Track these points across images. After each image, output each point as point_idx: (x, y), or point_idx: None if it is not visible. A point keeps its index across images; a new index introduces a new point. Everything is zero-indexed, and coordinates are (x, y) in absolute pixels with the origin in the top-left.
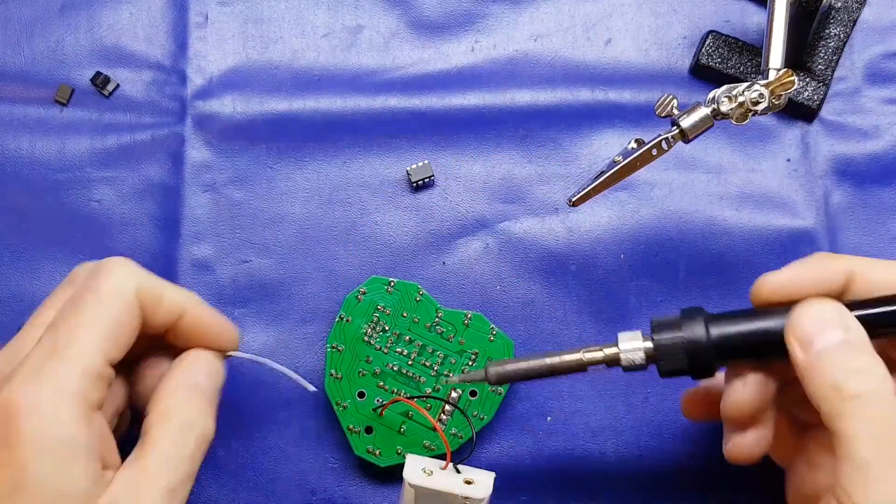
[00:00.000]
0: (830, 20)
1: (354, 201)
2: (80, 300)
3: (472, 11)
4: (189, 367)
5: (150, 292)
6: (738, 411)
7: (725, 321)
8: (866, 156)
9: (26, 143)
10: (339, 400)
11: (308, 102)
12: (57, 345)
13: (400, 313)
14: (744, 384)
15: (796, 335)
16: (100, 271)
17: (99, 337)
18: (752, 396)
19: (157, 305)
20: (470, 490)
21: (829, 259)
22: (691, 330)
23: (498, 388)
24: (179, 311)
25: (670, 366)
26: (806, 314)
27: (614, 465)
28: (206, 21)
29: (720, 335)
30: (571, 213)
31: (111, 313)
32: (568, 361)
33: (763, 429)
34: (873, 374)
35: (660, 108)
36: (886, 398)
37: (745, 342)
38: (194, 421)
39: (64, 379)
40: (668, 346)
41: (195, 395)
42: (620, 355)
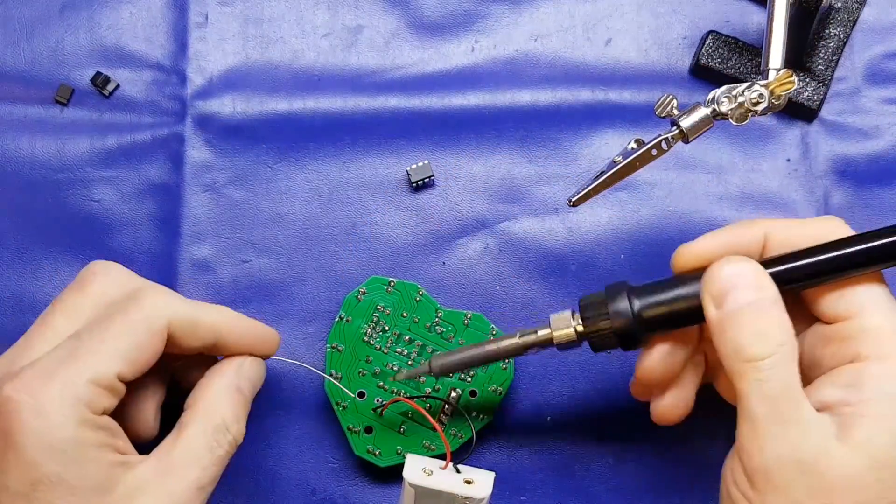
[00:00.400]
0: (830, 20)
1: (354, 201)
2: (110, 320)
3: (472, 11)
4: (233, 371)
5: (184, 322)
6: (649, 378)
7: (648, 293)
8: (866, 156)
9: (26, 143)
10: (339, 400)
11: (308, 102)
12: (74, 353)
13: (400, 313)
14: (650, 354)
15: (710, 292)
16: (137, 296)
17: (117, 355)
18: (657, 365)
19: (191, 334)
20: (470, 490)
21: (746, 224)
22: (616, 305)
23: (498, 388)
24: (214, 335)
25: (599, 342)
26: (719, 271)
27: (614, 465)
28: (206, 21)
29: (644, 307)
30: (571, 213)
31: (135, 337)
32: (506, 346)
33: (681, 392)
34: (773, 338)
35: (660, 108)
36: (780, 363)
37: (668, 311)
38: (231, 425)
39: (72, 384)
40: (594, 323)
41: (236, 399)
42: (553, 336)
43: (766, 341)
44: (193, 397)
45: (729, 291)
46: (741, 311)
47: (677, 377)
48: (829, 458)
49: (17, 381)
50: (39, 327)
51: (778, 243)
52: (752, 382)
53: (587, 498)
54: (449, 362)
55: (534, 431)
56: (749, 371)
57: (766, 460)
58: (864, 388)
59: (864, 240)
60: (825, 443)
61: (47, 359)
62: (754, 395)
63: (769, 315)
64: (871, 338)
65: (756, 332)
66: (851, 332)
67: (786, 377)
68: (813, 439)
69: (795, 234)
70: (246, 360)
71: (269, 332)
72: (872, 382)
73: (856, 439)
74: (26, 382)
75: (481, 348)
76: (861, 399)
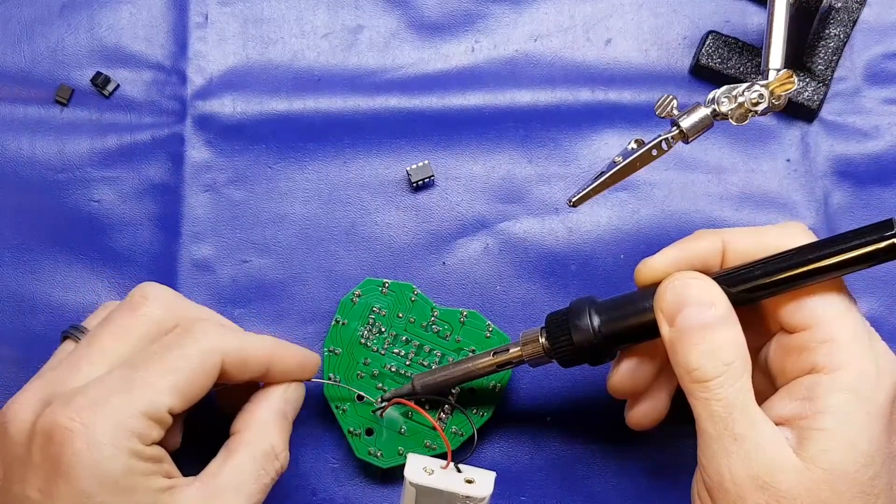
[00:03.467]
0: (830, 20)
1: (354, 201)
2: (166, 351)
3: (472, 11)
4: (280, 397)
5: (236, 358)
6: (619, 392)
7: (609, 308)
8: (866, 156)
9: (26, 143)
10: (338, 403)
11: (308, 102)
12: (129, 384)
13: (395, 314)
14: (617, 370)
15: (662, 310)
16: (193, 329)
17: (171, 388)
18: (625, 380)
19: (241, 368)
20: (471, 489)
21: (704, 234)
22: (578, 322)
23: (496, 384)
24: (263, 368)
25: (565, 358)
26: (670, 288)
27: (614, 464)
28: (206, 21)
29: (605, 322)
30: (571, 213)
31: (190, 372)
32: (481, 365)
33: (652, 401)
34: (721, 357)
35: (660, 108)
36: (728, 382)
37: (628, 327)
38: (280, 452)
39: (125, 415)
40: (558, 342)
41: (282, 426)
42: (522, 354)
43: (714, 361)
44: (241, 423)
45: (679, 309)
46: (690, 330)
47: (650, 386)
48: (784, 473)
49: (69, 409)
50: (87, 347)
51: (737, 253)
52: (702, 402)
53: (587, 498)
54: (430, 381)
55: (534, 431)
56: (699, 391)
57: (722, 477)
58: (818, 400)
59: (818, 248)
60: (780, 457)
61: (100, 386)
62: (705, 413)
63: (718, 333)
64: (826, 348)
65: (704, 352)
66: (808, 343)
67: (735, 395)
68: (767, 454)
69: (754, 242)
70: (290, 386)
71: (311, 355)
72: (825, 395)
73: (811, 452)
74: (79, 410)
75: (458, 367)
76: (815, 412)
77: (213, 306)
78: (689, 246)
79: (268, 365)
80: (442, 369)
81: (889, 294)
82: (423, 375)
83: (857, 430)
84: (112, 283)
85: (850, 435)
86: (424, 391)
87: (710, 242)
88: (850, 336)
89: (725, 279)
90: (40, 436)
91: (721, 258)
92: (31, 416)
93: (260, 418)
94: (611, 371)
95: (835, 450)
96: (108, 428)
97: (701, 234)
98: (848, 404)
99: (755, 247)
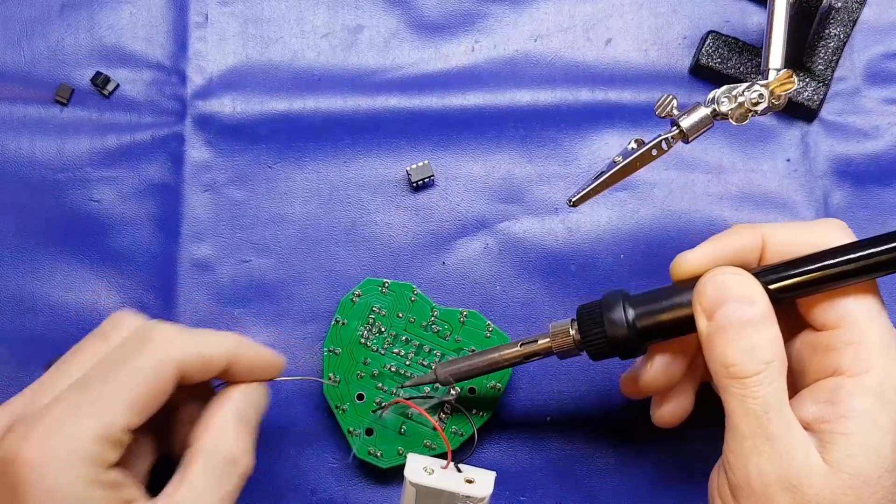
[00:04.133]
0: (830, 20)
1: (354, 201)
2: (117, 364)
3: (472, 11)
4: (237, 400)
5: (194, 361)
6: (651, 389)
7: (644, 302)
8: (866, 156)
9: (26, 143)
10: (338, 403)
11: (308, 102)
12: (80, 408)
13: (395, 314)
14: (651, 366)
15: (701, 304)
16: (144, 338)
17: (126, 405)
18: (659, 376)
19: (200, 369)
20: (471, 489)
21: (743, 229)
22: (611, 315)
23: (496, 384)
24: (224, 365)
25: (596, 351)
26: (710, 284)
27: (614, 464)
28: (206, 21)
29: (640, 317)
30: (571, 213)
31: (145, 386)
32: (508, 355)
33: (681, 397)
34: (761, 356)
35: (660, 108)
36: (767, 381)
37: (663, 322)
38: (239, 458)
39: (79, 442)
40: (591, 334)
41: (242, 430)
42: (552, 345)
43: (753, 358)
44: (196, 433)
45: (719, 305)
46: (730, 327)
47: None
48: (811, 477)
49: (25, 437)
50: (53, 374)
51: (776, 248)
52: (738, 398)
53: (587, 498)
54: (454, 369)
55: (534, 431)
56: (735, 387)
57: (749, 476)
58: (841, 405)
59: (858, 249)
60: (808, 461)
61: (54, 412)
62: (740, 411)
63: (758, 331)
64: (852, 351)
65: (744, 349)
66: (835, 343)
67: (772, 395)
68: (797, 457)
69: (794, 239)
70: (249, 387)
71: (275, 355)
72: (848, 399)
73: (836, 457)
74: (34, 440)
75: (484, 356)
76: (839, 416)
77: (213, 306)
78: (727, 241)
79: (230, 360)
80: (466, 358)
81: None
82: (446, 364)
83: (881, 435)
84: (112, 283)
85: (874, 440)
86: (446, 380)
87: (749, 238)
88: (877, 340)
89: (764, 276)
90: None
91: (759, 254)
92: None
93: (214, 424)
94: (642, 368)
95: (859, 455)
96: (62, 455)
97: (739, 228)
98: (872, 409)
99: (794, 243)
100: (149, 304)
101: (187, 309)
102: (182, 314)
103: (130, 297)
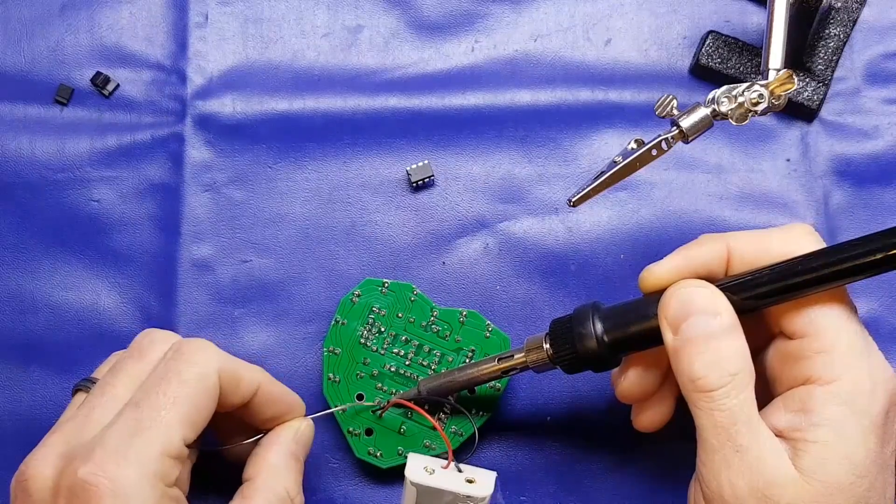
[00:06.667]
0: (830, 20)
1: (354, 201)
2: (165, 381)
3: (472, 11)
4: (290, 438)
5: (231, 375)
6: (628, 399)
7: (614, 316)
8: (866, 156)
9: (26, 143)
10: (338, 403)
11: (308, 102)
12: (140, 425)
13: (395, 314)
14: (626, 377)
15: (667, 318)
16: (184, 354)
17: (180, 420)
18: (633, 387)
19: (235, 387)
20: (472, 489)
21: (708, 239)
22: (582, 329)
23: (496, 385)
24: (255, 387)
25: (569, 366)
26: (673, 297)
27: (614, 465)
28: (206, 21)
29: (609, 330)
30: (571, 213)
31: (194, 397)
32: (486, 371)
33: (660, 403)
34: (727, 368)
35: (660, 108)
36: (733, 393)
37: (632, 334)
38: (295, 496)
39: (146, 461)
40: (562, 349)
41: (295, 468)
42: (527, 360)
43: (719, 371)
44: (254, 468)
45: (684, 318)
46: (695, 340)
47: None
48: (783, 486)
49: (91, 464)
50: (100, 397)
51: (742, 257)
52: (706, 412)
53: (587, 498)
54: (435, 386)
55: (534, 431)
56: (702, 400)
57: (722, 488)
58: (812, 413)
59: (824, 257)
60: (779, 470)
61: (115, 434)
62: (708, 424)
63: (723, 343)
64: (823, 359)
65: (709, 362)
66: (805, 352)
67: (739, 406)
68: (768, 467)
69: (760, 247)
70: (301, 424)
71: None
72: (821, 407)
73: (808, 465)
74: (101, 464)
75: (464, 372)
76: (810, 424)
77: (213, 306)
78: (693, 252)
79: (259, 385)
80: (447, 374)
81: (889, 294)
82: (429, 381)
83: (853, 443)
84: (112, 283)
85: (845, 448)
86: (429, 395)
87: (715, 248)
88: (846, 348)
89: (730, 287)
90: (65, 494)
91: (726, 264)
92: (51, 472)
93: (272, 462)
94: (618, 379)
95: (831, 462)
96: (132, 477)
97: (705, 239)
98: (843, 417)
99: (761, 252)
100: (149, 304)
101: (187, 309)
102: (182, 314)
103: (130, 297)
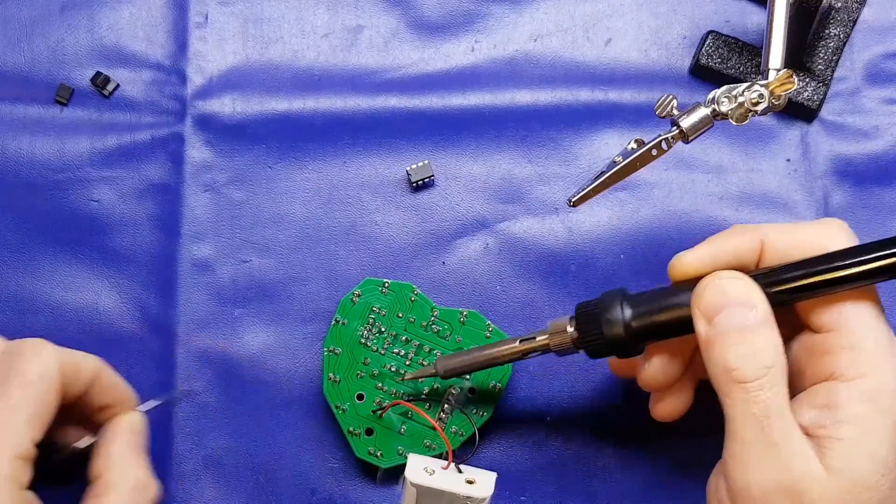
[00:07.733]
0: (830, 20)
1: (354, 201)
2: (7, 384)
3: (472, 11)
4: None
5: (71, 367)
6: (650, 387)
7: (642, 302)
8: (866, 156)
9: (26, 143)
10: (338, 403)
11: (308, 102)
12: None
13: (395, 314)
14: (650, 364)
15: (700, 308)
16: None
17: (27, 420)
18: (657, 374)
19: (75, 377)
20: (472, 489)
21: (742, 230)
22: (609, 314)
23: (496, 384)
24: (94, 374)
25: (594, 350)
26: (710, 288)
27: (614, 464)
28: (206, 21)
29: (637, 317)
30: (571, 213)
31: (38, 396)
32: (506, 351)
33: (680, 394)
34: (762, 360)
35: (660, 108)
36: (768, 386)
37: (660, 322)
38: (147, 482)
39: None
40: (588, 332)
41: (141, 458)
42: (549, 343)
43: (754, 363)
44: (101, 464)
45: (719, 309)
46: (730, 331)
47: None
48: (811, 483)
49: None
50: None
51: (776, 249)
52: (740, 403)
53: (587, 498)
54: (453, 364)
55: (534, 431)
56: (736, 391)
57: (749, 482)
58: (837, 409)
59: (860, 253)
60: (808, 467)
61: None
62: (741, 415)
63: (759, 336)
64: (849, 355)
65: (744, 354)
66: (832, 347)
67: (773, 400)
68: (798, 463)
69: (794, 240)
70: (135, 416)
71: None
72: (844, 404)
73: (833, 462)
74: None
75: (483, 352)
76: (835, 421)
77: (213, 306)
78: (726, 242)
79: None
80: (466, 353)
81: (888, 294)
82: (447, 358)
83: (878, 440)
84: (112, 283)
85: (871, 446)
86: (446, 374)
87: (748, 240)
88: (873, 345)
89: (764, 279)
90: None
91: (758, 256)
92: None
93: (119, 455)
94: (640, 369)
95: (857, 460)
96: None
97: (738, 229)
98: (868, 414)
99: (793, 245)
100: (149, 304)
101: (187, 309)
102: (182, 314)
103: (130, 297)
